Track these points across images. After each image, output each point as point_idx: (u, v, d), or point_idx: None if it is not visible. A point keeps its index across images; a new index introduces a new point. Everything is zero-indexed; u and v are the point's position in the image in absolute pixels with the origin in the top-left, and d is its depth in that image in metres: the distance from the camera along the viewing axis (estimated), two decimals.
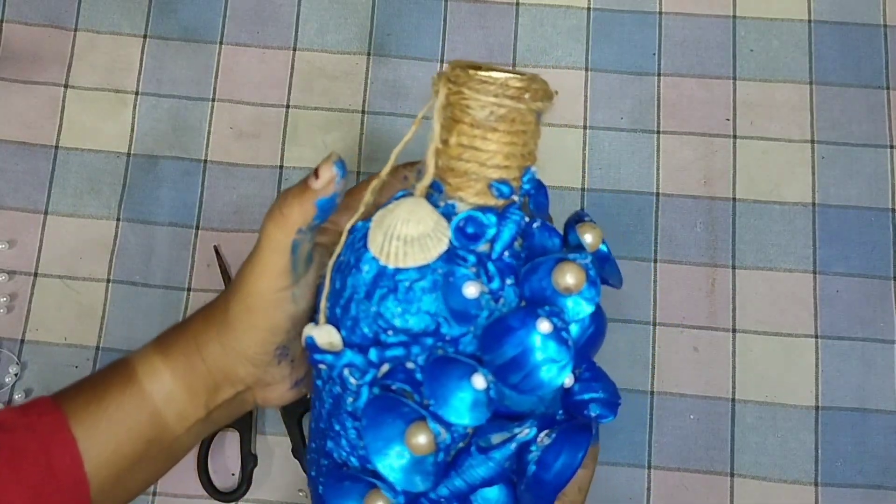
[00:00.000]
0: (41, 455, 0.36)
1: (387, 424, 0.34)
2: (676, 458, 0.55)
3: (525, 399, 0.34)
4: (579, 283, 0.34)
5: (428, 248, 0.34)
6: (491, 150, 0.35)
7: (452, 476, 0.35)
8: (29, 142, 0.60)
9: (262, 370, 0.39)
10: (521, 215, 0.36)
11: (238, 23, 0.62)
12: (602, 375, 0.38)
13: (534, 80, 0.35)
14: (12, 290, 0.58)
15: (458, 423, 0.34)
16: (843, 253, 0.58)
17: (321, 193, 0.35)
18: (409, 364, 0.35)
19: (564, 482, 0.35)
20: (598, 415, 0.36)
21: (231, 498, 0.54)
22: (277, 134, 0.60)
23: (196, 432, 0.40)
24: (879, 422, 0.55)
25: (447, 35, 0.62)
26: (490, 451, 0.34)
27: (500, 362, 0.33)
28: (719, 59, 0.61)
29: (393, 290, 0.34)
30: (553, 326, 0.33)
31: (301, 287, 0.38)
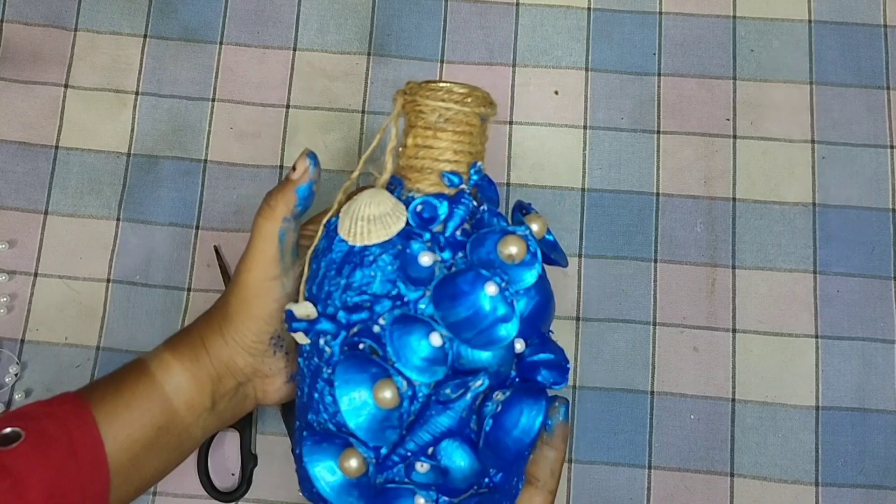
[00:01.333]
0: (64, 437, 0.39)
1: (355, 381, 0.38)
2: (676, 458, 0.55)
3: (478, 357, 0.39)
4: (521, 252, 0.39)
5: (388, 225, 0.40)
6: (442, 147, 0.41)
7: (417, 430, 0.39)
8: (29, 142, 0.60)
9: (259, 360, 0.43)
10: (471, 201, 0.41)
11: (238, 23, 0.62)
12: (552, 344, 0.42)
13: (476, 89, 0.42)
14: (12, 290, 0.58)
15: (418, 378, 0.39)
16: (843, 253, 0.58)
17: (299, 182, 0.42)
18: (375, 328, 0.39)
19: (525, 444, 0.39)
20: (551, 382, 0.40)
21: (231, 498, 0.54)
22: (277, 134, 0.60)
23: (203, 424, 0.44)
24: (880, 422, 0.55)
25: (447, 35, 0.62)
26: (449, 402, 0.39)
27: (454, 320, 0.38)
28: (719, 59, 0.61)
29: (359, 264, 0.40)
30: (499, 288, 0.38)
31: (290, 279, 0.43)
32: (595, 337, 0.57)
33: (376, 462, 0.40)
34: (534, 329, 0.41)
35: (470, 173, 0.42)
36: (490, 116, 0.44)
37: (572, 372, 0.56)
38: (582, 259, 0.58)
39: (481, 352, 0.39)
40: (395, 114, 0.43)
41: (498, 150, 0.60)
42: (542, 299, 0.41)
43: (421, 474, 0.40)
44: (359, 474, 0.39)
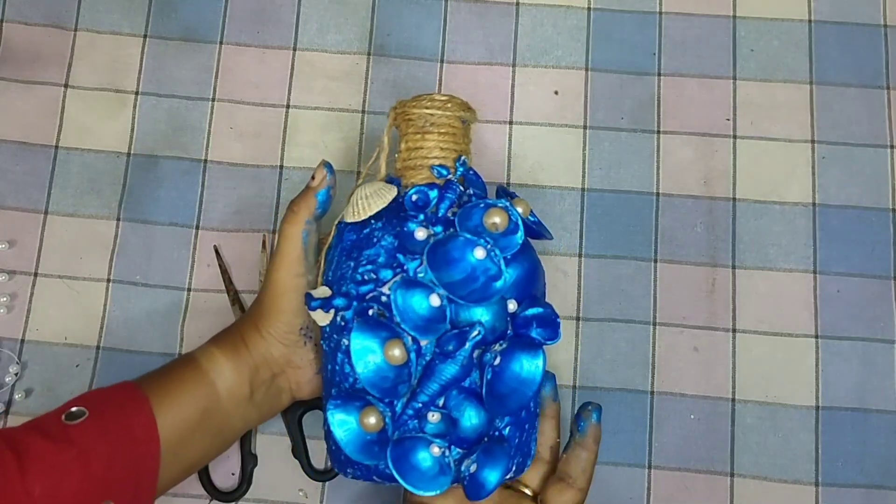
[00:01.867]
0: (122, 417, 0.44)
1: (368, 343, 0.44)
2: (676, 458, 0.55)
3: (474, 313, 0.44)
4: (503, 221, 0.45)
5: (383, 196, 0.47)
6: (430, 147, 0.48)
7: (426, 382, 0.44)
8: (29, 142, 0.60)
9: (291, 350, 0.49)
10: (459, 187, 0.47)
11: (238, 23, 0.62)
12: (541, 302, 0.47)
13: (455, 97, 0.49)
14: (12, 290, 0.58)
15: (422, 336, 0.44)
16: (843, 253, 0.58)
17: (318, 188, 0.48)
18: (382, 297, 0.45)
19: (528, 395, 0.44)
20: (545, 337, 0.45)
21: (231, 498, 0.54)
22: (277, 134, 0.60)
23: (243, 414, 0.49)
24: (880, 422, 0.55)
25: (447, 35, 0.62)
26: (451, 354, 0.44)
27: (450, 281, 0.44)
28: (719, 59, 0.61)
29: (365, 245, 0.46)
30: (486, 251, 0.44)
31: (313, 275, 0.49)
32: (595, 337, 0.57)
33: (392, 418, 0.45)
34: (524, 292, 0.46)
35: (456, 166, 0.48)
36: (471, 120, 0.50)
37: (572, 371, 0.56)
38: (582, 259, 0.58)
39: (476, 308, 0.44)
40: (388, 126, 0.50)
41: (498, 150, 0.60)
42: (530, 265, 0.47)
43: (433, 425, 0.44)
44: (377, 430, 0.44)
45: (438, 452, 0.44)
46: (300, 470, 0.55)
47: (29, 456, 0.41)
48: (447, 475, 0.44)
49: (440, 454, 0.44)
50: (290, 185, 0.59)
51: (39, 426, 0.43)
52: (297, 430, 0.55)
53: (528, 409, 0.47)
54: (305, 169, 0.60)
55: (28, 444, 0.42)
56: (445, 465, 0.44)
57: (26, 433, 0.43)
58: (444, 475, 0.44)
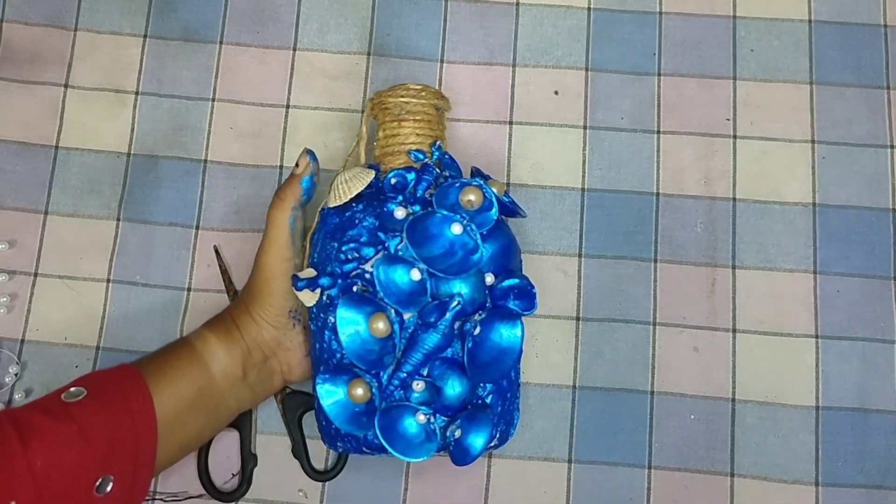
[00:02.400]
0: (120, 395, 0.46)
1: (353, 317, 0.46)
2: (676, 458, 0.55)
3: (453, 286, 0.47)
4: (478, 198, 0.48)
5: (362, 178, 0.49)
6: (406, 133, 0.51)
7: (410, 352, 0.47)
8: (29, 142, 0.60)
9: (281, 333, 0.51)
10: (435, 169, 0.50)
11: (238, 23, 0.62)
12: (518, 274, 0.49)
13: (428, 86, 0.52)
14: (12, 290, 0.58)
15: (405, 309, 0.46)
16: (843, 253, 0.58)
17: (303, 175, 0.51)
18: (365, 274, 0.47)
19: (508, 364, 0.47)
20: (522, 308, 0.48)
21: (231, 498, 0.54)
22: (277, 134, 0.60)
23: (237, 395, 0.50)
24: (880, 422, 0.55)
25: (447, 35, 0.62)
26: (433, 324, 0.46)
27: (429, 256, 0.46)
28: (719, 59, 0.61)
29: (348, 227, 0.48)
30: (462, 227, 0.47)
31: (300, 259, 0.51)
32: (595, 337, 0.57)
33: (379, 388, 0.47)
34: (500, 266, 0.49)
35: (432, 150, 0.51)
36: (445, 108, 0.53)
37: (572, 371, 0.56)
38: (582, 259, 0.58)
39: (455, 281, 0.47)
40: (365, 116, 0.53)
41: (498, 150, 0.60)
42: (505, 240, 0.49)
43: (418, 394, 0.47)
44: (365, 400, 0.46)
45: (424, 420, 0.46)
46: (300, 470, 0.55)
47: (30, 431, 0.42)
48: (433, 442, 0.46)
49: (426, 421, 0.46)
50: None
51: (40, 404, 0.45)
52: (297, 430, 0.55)
53: (508, 378, 0.49)
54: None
55: (29, 420, 0.43)
56: (431, 432, 0.46)
57: (27, 410, 0.44)
58: (430, 442, 0.46)
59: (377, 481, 0.55)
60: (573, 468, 0.55)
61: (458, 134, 0.60)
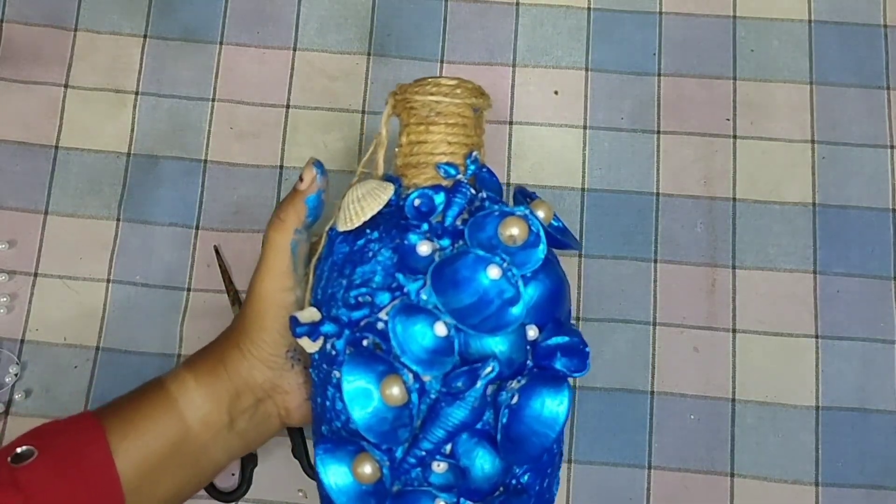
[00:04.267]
0: (75, 455, 0.40)
1: (361, 380, 0.37)
2: (676, 458, 0.55)
3: (487, 345, 0.37)
4: (523, 232, 0.38)
5: (378, 196, 0.40)
6: (435, 141, 0.41)
7: (430, 426, 0.37)
8: (29, 142, 0.60)
9: (277, 374, 0.43)
10: (469, 189, 0.40)
11: (238, 23, 0.62)
12: (568, 328, 0.40)
13: (465, 81, 0.42)
14: (12, 290, 0.58)
15: (426, 371, 0.37)
16: (843, 253, 0.58)
17: (308, 192, 0.41)
18: (378, 323, 0.38)
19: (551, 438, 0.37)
20: (571, 370, 0.38)
21: (231, 498, 0.54)
22: (277, 134, 0.60)
23: (224, 445, 0.43)
24: (880, 422, 0.55)
25: (447, 35, 0.62)
26: (460, 394, 0.37)
27: (458, 307, 0.37)
28: (719, 59, 0.61)
29: (359, 261, 0.39)
30: (501, 270, 0.37)
31: (302, 290, 0.42)
32: (595, 337, 0.57)
33: (391, 466, 0.38)
34: (546, 315, 0.39)
35: (466, 163, 0.42)
36: (484, 108, 0.43)
37: None
38: (582, 259, 0.58)
39: (490, 339, 0.37)
40: (385, 115, 0.43)
41: (498, 150, 0.60)
42: (553, 283, 0.40)
43: (439, 475, 0.38)
44: (373, 480, 0.38)
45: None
46: (300, 470, 0.55)
47: None
48: None
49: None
50: (289, 185, 0.59)
51: None
52: (297, 430, 0.55)
53: (549, 452, 0.40)
54: None
55: None
56: None
57: None
58: None
59: None
60: (573, 468, 0.55)
61: None
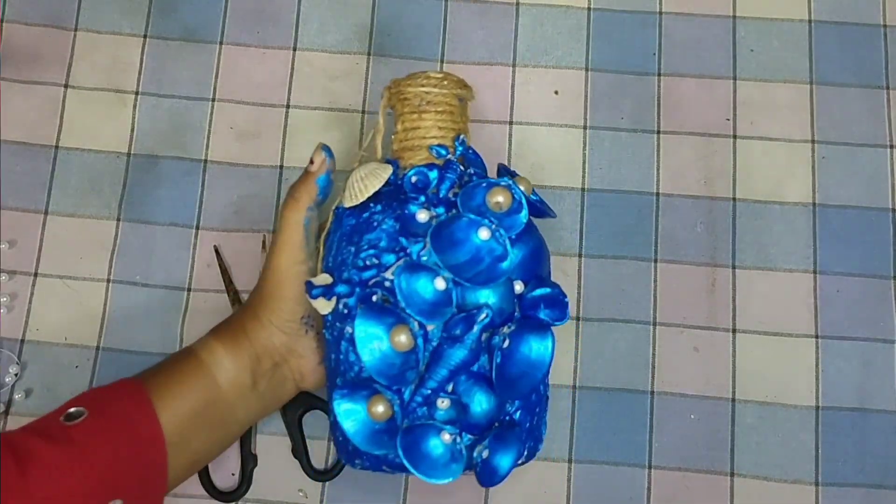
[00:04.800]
0: (122, 413, 0.44)
1: (373, 330, 0.43)
2: (676, 458, 0.55)
3: (481, 296, 0.44)
4: (507, 200, 0.45)
5: (379, 175, 0.46)
6: (427, 126, 0.47)
7: (434, 367, 0.44)
8: (29, 142, 0.60)
9: (293, 339, 0.48)
10: (459, 166, 0.47)
11: (238, 23, 0.62)
12: (549, 282, 0.46)
13: (450, 74, 0.48)
14: (12, 290, 0.58)
15: (428, 320, 0.43)
16: (843, 253, 0.58)
17: (318, 173, 0.47)
18: (385, 282, 0.44)
19: (538, 377, 0.44)
20: (552, 318, 0.45)
21: (231, 498, 0.54)
22: (277, 134, 0.60)
23: (246, 405, 0.48)
24: (880, 422, 0.55)
25: (447, 35, 0.62)
26: (459, 338, 0.43)
27: (455, 263, 0.43)
28: (719, 59, 0.61)
29: (366, 230, 0.45)
30: (490, 231, 0.43)
31: (314, 262, 0.48)
32: (595, 337, 0.57)
33: (401, 406, 0.44)
34: (530, 272, 0.46)
35: (455, 145, 0.48)
36: (468, 98, 0.49)
37: (572, 371, 0.56)
38: (582, 259, 0.58)
39: (483, 290, 0.44)
40: (382, 106, 0.49)
41: (498, 150, 0.60)
42: (535, 244, 0.46)
43: (443, 412, 0.44)
44: (386, 418, 0.43)
45: (449, 439, 0.43)
46: (300, 470, 0.55)
47: (29, 457, 0.40)
48: (459, 462, 0.43)
49: (451, 441, 0.43)
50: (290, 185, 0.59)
51: (38, 428, 0.43)
52: (297, 430, 0.55)
53: (537, 392, 0.46)
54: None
55: (27, 447, 0.41)
56: (457, 452, 0.43)
57: (25, 436, 0.42)
58: (455, 462, 0.43)
59: (377, 481, 0.54)
60: (573, 468, 0.55)
61: None
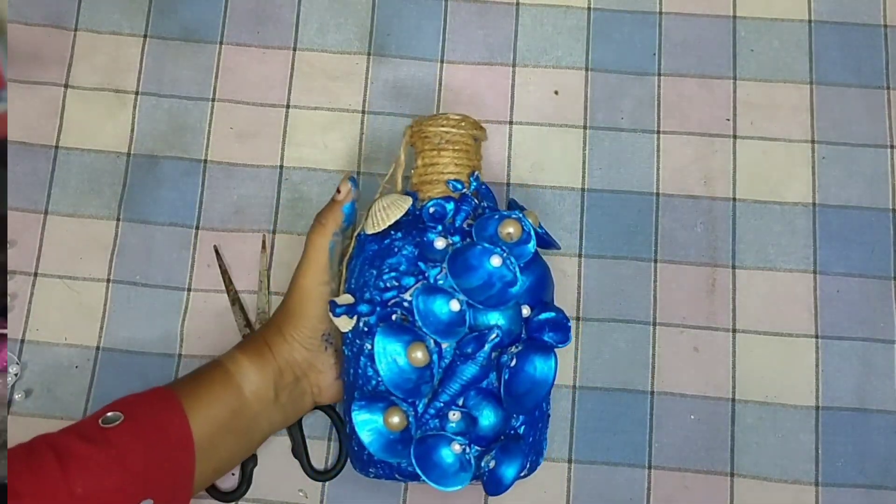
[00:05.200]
0: (156, 419, 0.46)
1: (391, 346, 0.47)
2: (676, 458, 0.55)
3: (491, 318, 0.48)
4: (517, 231, 0.48)
5: (400, 206, 0.49)
6: (445, 163, 0.51)
7: (447, 382, 0.47)
8: (29, 142, 0.60)
9: (313, 355, 0.51)
10: (473, 200, 0.50)
11: (238, 23, 0.62)
12: (552, 307, 0.50)
13: (467, 117, 0.52)
14: (12, 290, 0.58)
15: (443, 339, 0.47)
16: (843, 253, 0.58)
17: (345, 202, 0.51)
18: (404, 302, 0.48)
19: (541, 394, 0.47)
20: (556, 341, 0.48)
21: (231, 498, 0.54)
22: (277, 134, 0.60)
23: (268, 416, 0.50)
24: (879, 422, 0.55)
25: (447, 35, 0.62)
26: (471, 355, 0.47)
27: (469, 287, 0.47)
28: (719, 59, 0.61)
29: (387, 255, 0.49)
30: (502, 259, 0.48)
31: (337, 283, 0.51)
32: (595, 337, 0.57)
33: (415, 417, 0.47)
34: (536, 297, 0.49)
35: (470, 180, 0.51)
36: (482, 138, 0.53)
37: (572, 371, 0.56)
38: (582, 259, 0.58)
39: (494, 313, 0.47)
40: (404, 143, 0.53)
41: (498, 150, 0.60)
42: (541, 272, 0.50)
43: (454, 424, 0.47)
44: (401, 429, 0.47)
45: (459, 450, 0.46)
46: (300, 470, 0.55)
47: (70, 457, 0.43)
48: (467, 471, 0.46)
49: (461, 451, 0.47)
50: (290, 185, 0.59)
51: (77, 430, 0.45)
52: (297, 430, 0.55)
53: (540, 409, 0.50)
54: (305, 169, 0.60)
55: (68, 446, 0.43)
56: (466, 462, 0.47)
57: (65, 436, 0.44)
58: (464, 471, 0.46)
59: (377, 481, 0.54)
60: (573, 468, 0.55)
61: None
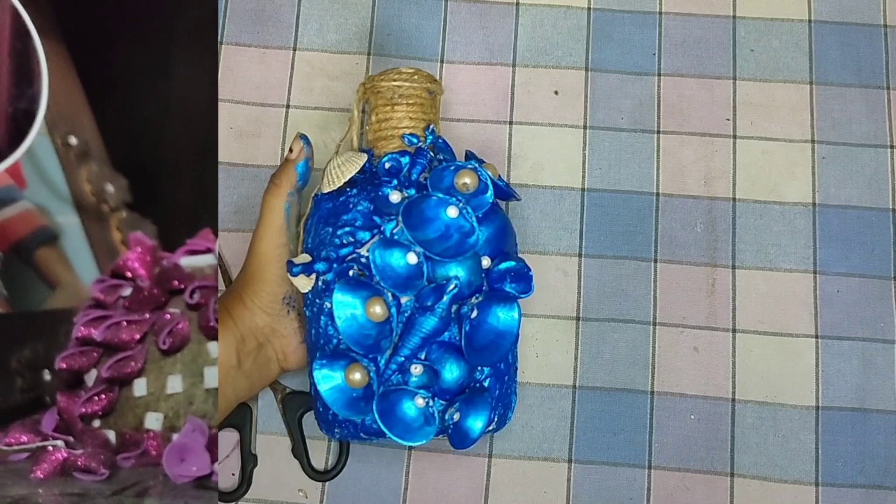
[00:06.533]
0: None
1: (349, 301, 0.46)
2: (676, 458, 0.55)
3: (450, 269, 0.47)
4: (473, 181, 0.47)
5: (354, 162, 0.49)
6: (399, 117, 0.50)
7: (407, 336, 0.47)
8: None
9: (275, 319, 0.50)
10: (429, 153, 0.50)
11: (238, 23, 0.62)
12: (514, 257, 0.49)
13: (420, 70, 0.51)
14: None
15: (401, 292, 0.46)
16: (843, 253, 0.58)
17: (297, 160, 0.50)
18: (361, 259, 0.47)
19: (505, 346, 0.47)
20: (518, 291, 0.48)
21: (231, 498, 0.54)
22: (277, 134, 0.60)
23: (233, 383, 0.50)
24: (880, 422, 0.55)
25: (447, 35, 0.62)
26: (430, 308, 0.46)
27: (426, 239, 0.46)
28: (719, 59, 0.61)
29: (342, 211, 0.48)
30: (458, 210, 0.47)
31: (294, 246, 0.50)
32: (595, 337, 0.57)
33: (377, 373, 0.47)
34: (496, 248, 0.49)
35: (426, 134, 0.50)
36: (437, 92, 0.52)
37: (572, 371, 0.56)
38: (582, 259, 0.58)
39: (452, 264, 0.47)
40: (357, 100, 0.52)
41: (498, 150, 0.60)
42: (500, 223, 0.49)
43: (416, 378, 0.47)
44: (363, 385, 0.46)
45: (423, 403, 0.46)
46: (300, 470, 0.55)
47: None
48: (432, 425, 0.46)
49: (424, 405, 0.46)
50: None
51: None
52: (297, 430, 0.55)
53: (506, 362, 0.49)
54: None
55: None
56: (430, 416, 0.46)
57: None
58: (429, 425, 0.46)
59: (377, 481, 0.55)
60: (573, 468, 0.55)
61: (459, 134, 0.60)
